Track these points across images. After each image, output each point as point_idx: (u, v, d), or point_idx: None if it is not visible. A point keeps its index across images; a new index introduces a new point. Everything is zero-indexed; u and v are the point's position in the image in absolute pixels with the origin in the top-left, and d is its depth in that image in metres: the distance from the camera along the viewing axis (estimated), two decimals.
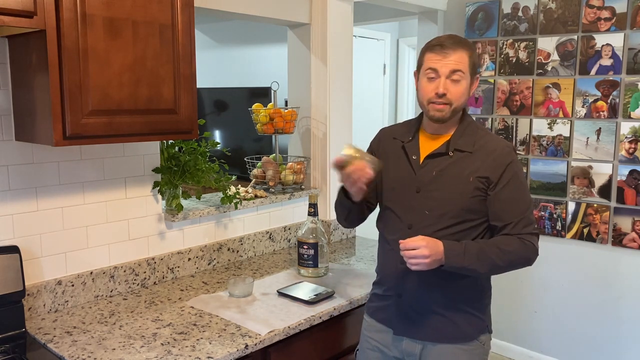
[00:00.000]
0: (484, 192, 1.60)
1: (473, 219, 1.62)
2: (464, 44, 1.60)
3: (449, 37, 1.62)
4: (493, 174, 1.59)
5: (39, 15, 1.46)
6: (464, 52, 1.58)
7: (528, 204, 1.62)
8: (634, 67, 2.92)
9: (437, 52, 1.59)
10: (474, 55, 1.62)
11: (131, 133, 1.71)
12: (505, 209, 1.60)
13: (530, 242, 1.59)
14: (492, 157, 1.61)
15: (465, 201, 1.60)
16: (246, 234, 2.52)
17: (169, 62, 1.76)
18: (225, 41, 5.24)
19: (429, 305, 1.66)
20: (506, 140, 1.70)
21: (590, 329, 3.20)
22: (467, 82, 1.61)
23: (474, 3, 3.45)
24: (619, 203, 3.02)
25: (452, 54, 1.57)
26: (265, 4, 2.52)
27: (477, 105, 3.50)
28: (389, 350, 1.74)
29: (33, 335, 1.72)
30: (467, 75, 1.60)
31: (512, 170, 1.60)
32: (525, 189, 1.64)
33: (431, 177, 1.63)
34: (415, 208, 1.64)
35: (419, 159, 1.67)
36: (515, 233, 1.59)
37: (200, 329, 1.76)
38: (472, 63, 1.61)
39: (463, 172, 1.61)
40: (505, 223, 1.60)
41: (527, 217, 1.60)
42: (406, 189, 1.67)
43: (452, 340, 1.66)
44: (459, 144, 1.63)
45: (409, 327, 1.69)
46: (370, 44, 4.90)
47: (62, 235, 1.91)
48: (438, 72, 1.58)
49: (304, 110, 2.81)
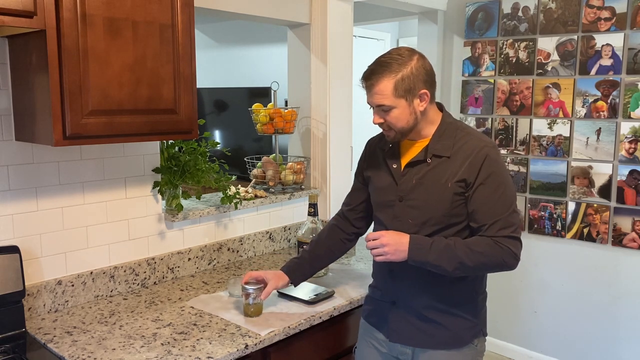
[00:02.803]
0: (463, 195, 1.58)
1: (458, 223, 1.60)
2: (387, 70, 1.54)
3: (374, 65, 1.58)
4: (469, 176, 1.56)
5: (39, 15, 1.46)
6: (387, 81, 1.54)
7: (507, 206, 1.55)
8: (634, 67, 2.92)
9: (363, 85, 1.60)
10: (404, 78, 1.54)
11: (131, 133, 1.71)
12: (481, 209, 1.56)
13: (506, 245, 1.53)
14: (470, 159, 1.57)
15: (445, 207, 1.58)
16: (246, 234, 2.52)
17: (169, 62, 1.76)
18: (225, 41, 5.24)
19: (423, 313, 1.66)
20: (487, 138, 1.65)
21: (590, 329, 3.20)
22: (402, 108, 1.57)
23: (474, 3, 3.45)
24: (619, 203, 3.02)
25: (373, 87, 1.56)
26: (265, 4, 2.52)
27: (477, 105, 3.50)
28: (383, 348, 1.76)
29: (33, 335, 1.72)
30: (399, 102, 1.55)
31: (489, 170, 1.55)
32: (506, 190, 1.57)
33: (411, 185, 1.63)
34: (399, 217, 1.65)
35: (399, 167, 1.67)
36: (490, 235, 1.54)
37: (200, 329, 1.76)
38: (404, 87, 1.54)
39: (441, 179, 1.59)
40: (480, 225, 1.56)
41: (504, 220, 1.54)
42: (389, 199, 1.68)
43: (446, 346, 1.66)
44: (437, 149, 1.61)
45: (403, 334, 1.70)
46: (370, 44, 4.91)
47: (62, 235, 1.91)
48: (370, 105, 1.62)
49: (304, 110, 2.81)
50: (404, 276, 1.67)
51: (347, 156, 2.88)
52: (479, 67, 3.48)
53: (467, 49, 3.51)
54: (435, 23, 3.67)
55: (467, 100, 3.54)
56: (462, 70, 3.56)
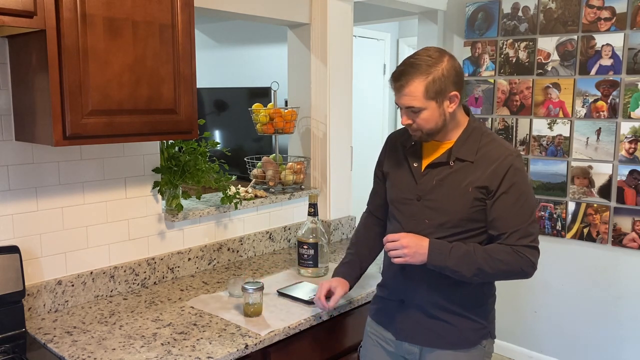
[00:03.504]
0: (484, 201, 1.57)
1: (475, 228, 1.60)
2: (417, 72, 1.53)
3: (404, 66, 1.56)
4: (492, 183, 1.56)
5: (39, 15, 1.46)
6: (418, 81, 1.52)
7: (528, 216, 1.56)
8: (634, 67, 2.92)
9: (393, 86, 1.59)
10: (435, 80, 1.52)
11: (131, 133, 1.71)
12: (501, 218, 1.56)
13: (525, 255, 1.54)
14: (494, 166, 1.56)
15: (464, 212, 1.58)
16: (246, 234, 2.52)
17: (169, 62, 1.76)
18: (225, 41, 5.24)
19: (431, 312, 1.66)
20: (512, 147, 1.63)
21: (590, 329, 3.20)
22: (432, 110, 1.55)
23: (474, 3, 3.45)
24: (619, 203, 3.02)
25: (404, 89, 1.54)
26: (265, 4, 2.52)
27: (477, 105, 3.50)
28: (390, 347, 1.76)
29: (33, 335, 1.72)
30: (429, 104, 1.54)
31: (512, 179, 1.55)
32: (527, 200, 1.57)
33: (431, 186, 1.62)
34: (416, 216, 1.64)
35: (420, 166, 1.66)
36: (509, 244, 1.55)
37: (200, 329, 1.76)
38: (435, 89, 1.53)
39: (462, 183, 1.58)
40: (500, 232, 1.57)
41: (524, 229, 1.55)
42: (407, 197, 1.67)
43: (454, 347, 1.66)
44: (461, 153, 1.60)
45: (411, 333, 1.70)
46: (370, 44, 4.90)
47: (62, 235, 1.91)
48: (399, 105, 1.60)
49: (304, 110, 2.81)
50: (415, 275, 1.66)
51: (347, 156, 2.88)
52: (479, 67, 3.48)
53: (467, 49, 3.51)
54: (435, 23, 3.67)
55: (467, 100, 3.54)
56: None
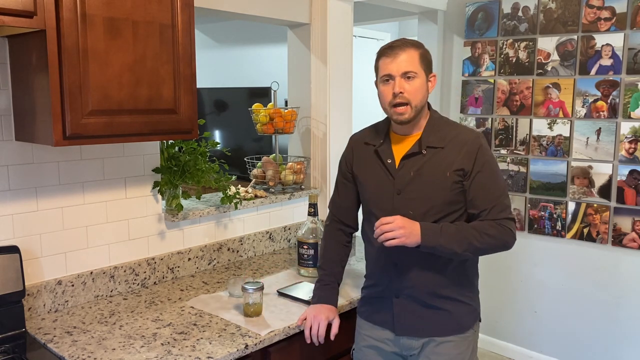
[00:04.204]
0: (461, 183, 1.65)
1: (457, 210, 1.67)
2: (412, 43, 1.67)
3: (398, 40, 1.69)
4: (467, 165, 1.64)
5: (39, 15, 1.46)
6: (413, 51, 1.64)
7: (502, 190, 1.67)
8: (634, 67, 2.92)
9: (388, 54, 1.65)
10: (425, 54, 1.67)
11: (131, 133, 1.71)
12: (479, 196, 1.64)
13: (507, 226, 1.64)
14: (465, 149, 1.65)
15: (446, 195, 1.65)
16: (246, 234, 2.52)
17: (169, 62, 1.76)
18: (225, 41, 5.24)
19: (427, 301, 1.70)
20: (474, 129, 1.74)
21: (590, 329, 3.20)
22: (423, 80, 1.65)
23: (474, 3, 3.45)
24: (619, 203, 3.02)
25: (401, 54, 1.63)
26: (265, 4, 2.52)
27: (477, 105, 3.50)
28: (387, 346, 1.76)
29: (33, 335, 1.72)
30: (421, 73, 1.65)
31: (483, 158, 1.65)
32: (498, 175, 1.68)
33: (409, 178, 1.67)
34: (399, 209, 1.66)
35: (394, 162, 1.71)
36: (491, 218, 1.63)
37: (200, 329, 1.76)
38: (425, 61, 1.66)
39: (438, 169, 1.65)
40: (480, 210, 1.64)
41: (501, 203, 1.64)
42: (386, 193, 1.70)
43: (451, 332, 1.70)
44: (430, 141, 1.68)
45: (410, 327, 1.72)
46: (370, 44, 4.90)
47: (62, 235, 1.91)
48: (392, 75, 1.64)
49: (304, 110, 2.81)
50: (408, 267, 1.69)
51: None
52: (479, 67, 3.48)
53: (467, 49, 3.51)
54: (435, 23, 3.67)
55: (467, 100, 3.54)
56: (462, 70, 3.56)
